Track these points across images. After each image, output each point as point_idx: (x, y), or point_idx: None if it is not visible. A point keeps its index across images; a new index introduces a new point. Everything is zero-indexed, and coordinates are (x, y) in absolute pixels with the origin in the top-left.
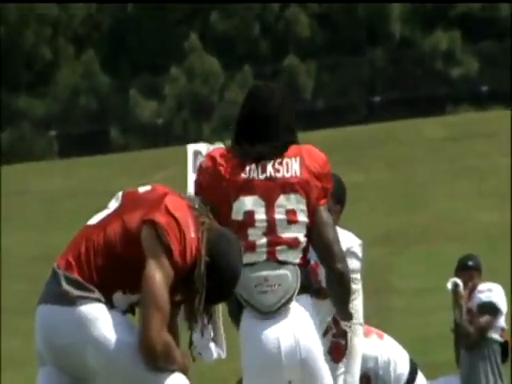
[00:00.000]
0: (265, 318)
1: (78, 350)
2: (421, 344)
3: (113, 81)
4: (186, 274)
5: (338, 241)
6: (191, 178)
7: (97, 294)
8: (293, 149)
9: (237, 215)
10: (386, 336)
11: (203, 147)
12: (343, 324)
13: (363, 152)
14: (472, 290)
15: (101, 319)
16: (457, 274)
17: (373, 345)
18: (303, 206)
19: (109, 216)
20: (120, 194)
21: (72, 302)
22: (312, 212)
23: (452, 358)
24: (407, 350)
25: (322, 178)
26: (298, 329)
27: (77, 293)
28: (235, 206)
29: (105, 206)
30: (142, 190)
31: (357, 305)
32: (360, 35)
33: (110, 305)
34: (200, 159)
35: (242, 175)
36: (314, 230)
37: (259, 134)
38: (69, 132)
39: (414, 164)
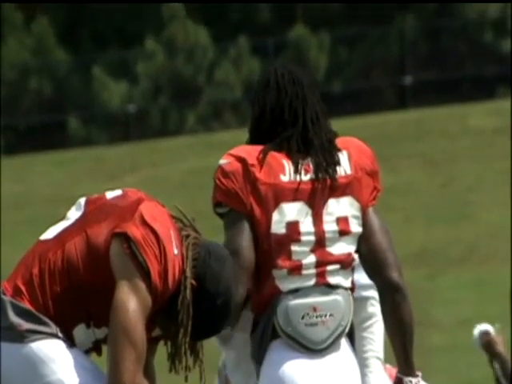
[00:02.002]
0: (307, 354)
1: None
2: None
3: (72, 57)
4: (166, 302)
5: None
6: None
7: (53, 329)
8: (337, 142)
9: (277, 228)
10: None
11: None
12: (406, 381)
13: (392, 147)
14: None
15: (58, 360)
16: None
17: None
18: (356, 212)
19: (68, 229)
20: (82, 200)
21: (21, 337)
22: (365, 214)
23: None
24: None
25: (373, 177)
26: (343, 376)
27: (27, 326)
28: (275, 216)
29: (63, 217)
30: (109, 195)
31: (373, 333)
32: None
33: (70, 342)
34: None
35: (282, 177)
36: (364, 236)
37: (297, 134)
38: (16, 123)
39: (457, 163)
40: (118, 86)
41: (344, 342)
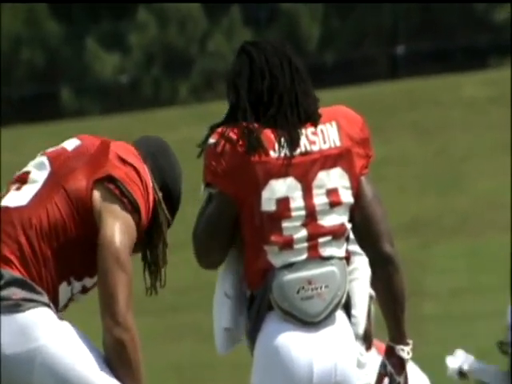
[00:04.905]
0: (302, 326)
1: (23, 363)
2: None
3: (64, 28)
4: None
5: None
6: None
7: (45, 298)
8: (324, 112)
9: (267, 206)
10: None
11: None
12: (398, 349)
13: (385, 117)
14: None
15: (47, 327)
16: None
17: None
18: (346, 182)
19: (42, 191)
20: (44, 159)
21: (16, 306)
22: (356, 184)
23: None
24: (441, 368)
25: (363, 144)
26: (338, 347)
27: (22, 295)
28: (265, 194)
29: (18, 179)
30: (69, 147)
31: (354, 288)
32: None
33: (57, 303)
34: None
35: (271, 154)
36: (357, 207)
37: (281, 109)
38: (9, 94)
39: (450, 132)
40: (110, 56)
41: (340, 314)
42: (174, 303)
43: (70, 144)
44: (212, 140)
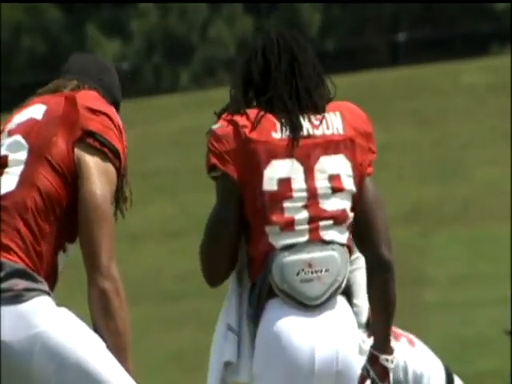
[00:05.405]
0: (303, 311)
1: (23, 349)
2: (459, 348)
3: (65, 16)
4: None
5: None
6: None
7: (45, 286)
8: (330, 104)
9: (269, 185)
10: (417, 343)
11: None
12: (382, 359)
13: (386, 105)
14: None
15: (51, 312)
16: None
17: (402, 352)
18: (349, 170)
19: (27, 171)
20: (17, 138)
21: (19, 296)
22: (359, 180)
23: (498, 368)
24: (442, 355)
25: (367, 138)
26: (340, 334)
27: (24, 285)
28: (267, 173)
29: None
30: (37, 115)
31: (357, 277)
32: None
33: (56, 274)
34: None
35: (274, 134)
36: (358, 209)
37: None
38: (10, 82)
39: (450, 120)
40: (111, 44)
41: (342, 301)
42: (173, 291)
43: (37, 112)
44: (215, 125)
